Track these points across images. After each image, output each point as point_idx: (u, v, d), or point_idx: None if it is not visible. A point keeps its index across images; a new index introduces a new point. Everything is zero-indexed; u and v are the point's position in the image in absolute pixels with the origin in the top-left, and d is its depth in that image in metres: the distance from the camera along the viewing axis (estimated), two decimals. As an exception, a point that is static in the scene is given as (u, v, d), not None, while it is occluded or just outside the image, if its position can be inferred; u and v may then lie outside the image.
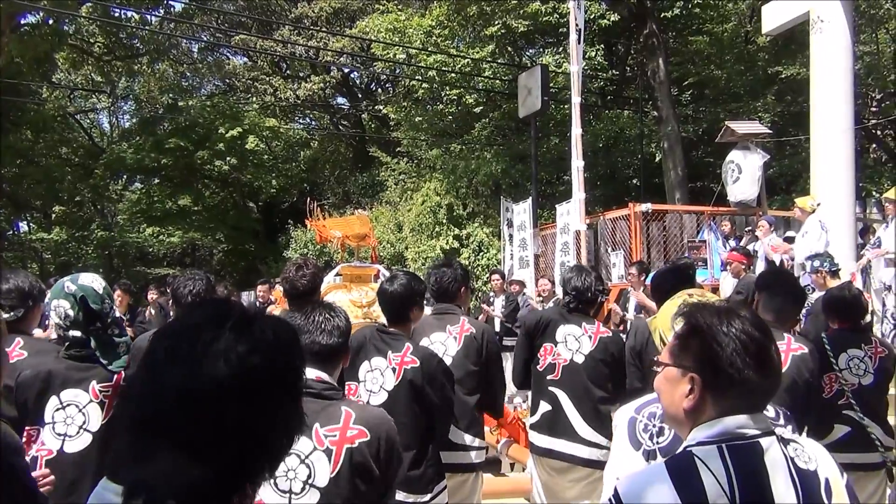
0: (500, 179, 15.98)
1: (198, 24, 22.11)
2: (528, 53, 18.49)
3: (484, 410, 3.68)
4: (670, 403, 1.39)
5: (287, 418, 0.97)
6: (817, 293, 5.50)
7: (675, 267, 3.38)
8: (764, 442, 1.29)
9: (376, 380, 2.95)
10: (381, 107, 21.47)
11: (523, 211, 11.74)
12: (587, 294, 3.75)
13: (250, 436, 0.92)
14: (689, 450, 1.30)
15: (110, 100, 25.14)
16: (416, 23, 16.75)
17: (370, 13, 19.67)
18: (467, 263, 14.50)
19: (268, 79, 24.77)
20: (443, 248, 15.30)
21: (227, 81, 25.83)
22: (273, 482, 1.78)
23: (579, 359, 3.64)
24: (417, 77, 17.03)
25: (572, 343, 3.68)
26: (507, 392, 4.43)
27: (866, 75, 14.89)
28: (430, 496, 2.90)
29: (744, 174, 9.43)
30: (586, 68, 14.68)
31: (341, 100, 27.02)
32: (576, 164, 9.47)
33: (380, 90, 25.61)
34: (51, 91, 22.46)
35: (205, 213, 22.82)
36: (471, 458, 3.45)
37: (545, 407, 3.69)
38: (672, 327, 1.55)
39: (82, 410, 2.35)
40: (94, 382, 2.38)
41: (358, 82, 27.01)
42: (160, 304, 9.77)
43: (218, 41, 23.47)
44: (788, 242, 8.23)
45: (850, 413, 3.48)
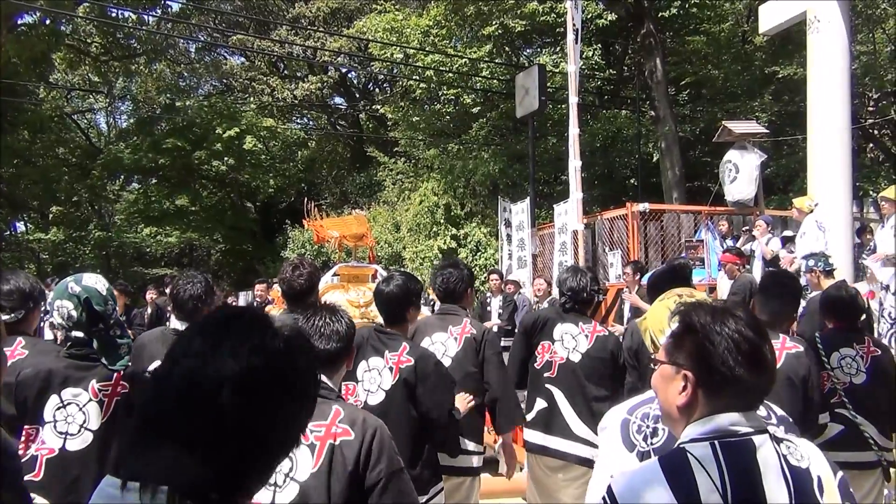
0: (498, 179, 15.96)
1: (195, 24, 22.05)
2: (525, 53, 18.46)
3: (494, 411, 3.49)
4: (665, 400, 1.42)
5: (287, 419, 0.98)
6: (813, 293, 5.52)
7: (672, 267, 3.39)
8: (757, 440, 1.31)
9: (374, 379, 2.94)
10: (379, 107, 21.44)
11: (521, 211, 11.74)
12: (583, 294, 3.77)
13: (250, 436, 0.93)
14: (682, 447, 1.32)
15: (107, 100, 25.08)
16: (413, 23, 16.71)
17: (367, 13, 19.64)
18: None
19: (265, 79, 24.71)
20: (440, 248, 15.28)
21: (225, 81, 25.78)
22: None
23: (576, 357, 3.66)
24: (415, 77, 16.99)
25: (569, 341, 3.70)
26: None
27: (863, 75, 14.88)
28: (426, 497, 2.89)
29: (741, 174, 9.43)
30: (583, 68, 14.66)
31: (339, 100, 27.00)
32: (573, 163, 9.46)
33: (377, 90, 25.58)
34: (48, 91, 22.39)
35: (202, 213, 22.80)
36: (471, 462, 3.43)
37: (541, 404, 3.71)
38: (668, 325, 1.57)
39: (82, 409, 2.36)
40: (93, 381, 2.38)
41: (355, 82, 26.97)
42: (157, 305, 9.76)
43: (215, 41, 23.41)
44: (786, 241, 8.26)
45: (843, 411, 3.49)
